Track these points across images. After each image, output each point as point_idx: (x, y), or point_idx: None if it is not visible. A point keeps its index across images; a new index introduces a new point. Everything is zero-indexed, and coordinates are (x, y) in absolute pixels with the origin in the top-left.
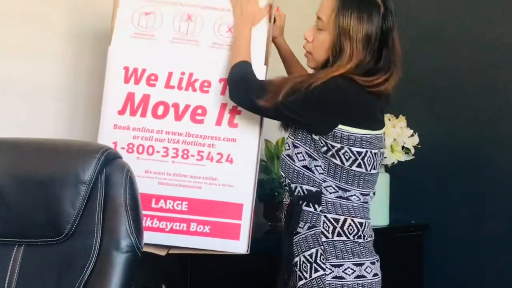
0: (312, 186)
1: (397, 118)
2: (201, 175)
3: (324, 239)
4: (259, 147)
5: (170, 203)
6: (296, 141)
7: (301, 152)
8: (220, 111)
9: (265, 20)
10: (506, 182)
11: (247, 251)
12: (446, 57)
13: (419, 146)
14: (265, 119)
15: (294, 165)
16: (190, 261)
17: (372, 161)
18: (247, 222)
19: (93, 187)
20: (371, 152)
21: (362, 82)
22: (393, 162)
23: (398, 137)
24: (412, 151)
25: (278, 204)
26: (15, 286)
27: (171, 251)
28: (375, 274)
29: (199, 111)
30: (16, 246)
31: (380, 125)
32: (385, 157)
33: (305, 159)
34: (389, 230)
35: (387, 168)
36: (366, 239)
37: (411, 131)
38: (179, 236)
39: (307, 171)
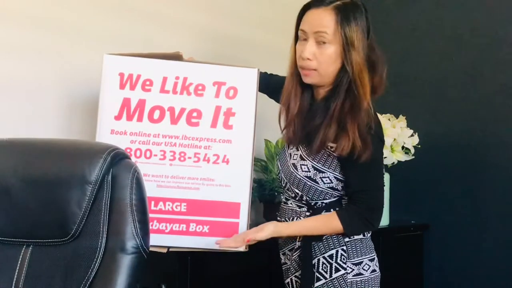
0: (333, 198)
1: (397, 118)
2: (198, 176)
3: (347, 239)
4: (253, 147)
5: (169, 204)
6: (322, 167)
7: (327, 177)
8: (214, 113)
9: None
10: (506, 182)
11: (246, 248)
12: (446, 57)
13: (419, 146)
14: (261, 120)
15: (318, 186)
16: (190, 261)
17: None
18: (245, 220)
19: (100, 188)
20: None
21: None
22: (393, 162)
23: (398, 137)
24: (412, 151)
25: (278, 204)
26: (22, 286)
27: (171, 249)
28: (380, 267)
29: (195, 114)
30: (24, 246)
31: None
32: (385, 157)
33: (331, 182)
34: (389, 230)
35: (387, 168)
36: (371, 233)
37: (411, 131)
38: (179, 237)
39: (332, 190)
